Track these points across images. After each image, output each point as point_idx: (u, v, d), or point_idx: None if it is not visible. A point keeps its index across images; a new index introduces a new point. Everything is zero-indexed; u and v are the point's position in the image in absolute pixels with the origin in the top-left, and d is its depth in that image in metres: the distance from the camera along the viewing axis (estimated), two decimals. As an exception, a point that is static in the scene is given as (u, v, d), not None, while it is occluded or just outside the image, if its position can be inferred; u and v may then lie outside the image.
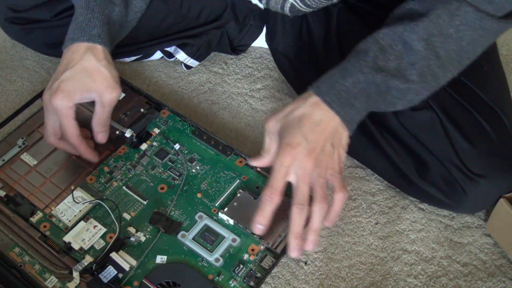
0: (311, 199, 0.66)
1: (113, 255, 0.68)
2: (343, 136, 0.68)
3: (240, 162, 0.80)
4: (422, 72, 0.66)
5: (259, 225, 0.67)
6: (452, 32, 0.65)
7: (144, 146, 0.81)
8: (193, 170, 0.79)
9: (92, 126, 0.74)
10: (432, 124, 0.76)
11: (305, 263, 0.76)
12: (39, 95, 0.86)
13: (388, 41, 0.66)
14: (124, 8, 0.77)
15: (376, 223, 0.80)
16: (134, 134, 0.81)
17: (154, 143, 0.82)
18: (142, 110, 0.85)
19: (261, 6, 0.95)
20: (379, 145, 0.81)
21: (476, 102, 0.77)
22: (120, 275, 0.68)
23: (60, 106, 0.68)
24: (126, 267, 0.68)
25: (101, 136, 0.75)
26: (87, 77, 0.70)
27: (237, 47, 1.02)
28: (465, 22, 0.65)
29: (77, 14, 0.73)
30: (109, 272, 0.67)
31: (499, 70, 0.85)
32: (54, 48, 0.96)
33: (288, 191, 0.78)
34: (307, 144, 0.65)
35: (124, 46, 0.89)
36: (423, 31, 0.65)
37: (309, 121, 0.65)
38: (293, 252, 0.66)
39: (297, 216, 0.65)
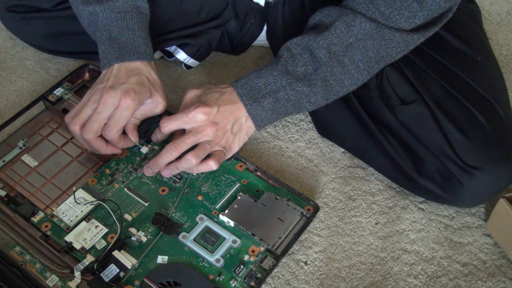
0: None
1: (115, 253, 0.69)
2: (244, 127, 0.76)
3: (240, 166, 0.81)
4: (325, 77, 0.73)
5: (150, 169, 0.77)
6: (352, 41, 0.72)
7: (145, 150, 0.82)
8: (194, 174, 0.79)
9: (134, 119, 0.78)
10: (423, 117, 0.77)
11: (305, 263, 0.76)
12: (40, 98, 0.87)
13: (298, 49, 0.74)
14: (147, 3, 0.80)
15: (376, 223, 0.80)
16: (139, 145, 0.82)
17: (156, 147, 0.82)
18: None
19: (262, 4, 0.95)
20: (378, 141, 0.81)
21: (469, 93, 0.77)
22: (122, 274, 0.68)
23: (129, 105, 0.74)
24: (128, 265, 0.68)
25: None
26: (151, 86, 0.77)
27: (238, 47, 1.02)
28: (362, 32, 0.72)
29: (114, 33, 0.76)
30: (111, 271, 0.68)
31: (492, 59, 0.84)
32: (53, 41, 0.96)
33: (280, 193, 0.78)
34: (216, 113, 0.73)
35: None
36: (323, 41, 0.72)
37: (225, 97, 0.75)
38: (145, 170, 0.78)
39: (166, 151, 0.74)
